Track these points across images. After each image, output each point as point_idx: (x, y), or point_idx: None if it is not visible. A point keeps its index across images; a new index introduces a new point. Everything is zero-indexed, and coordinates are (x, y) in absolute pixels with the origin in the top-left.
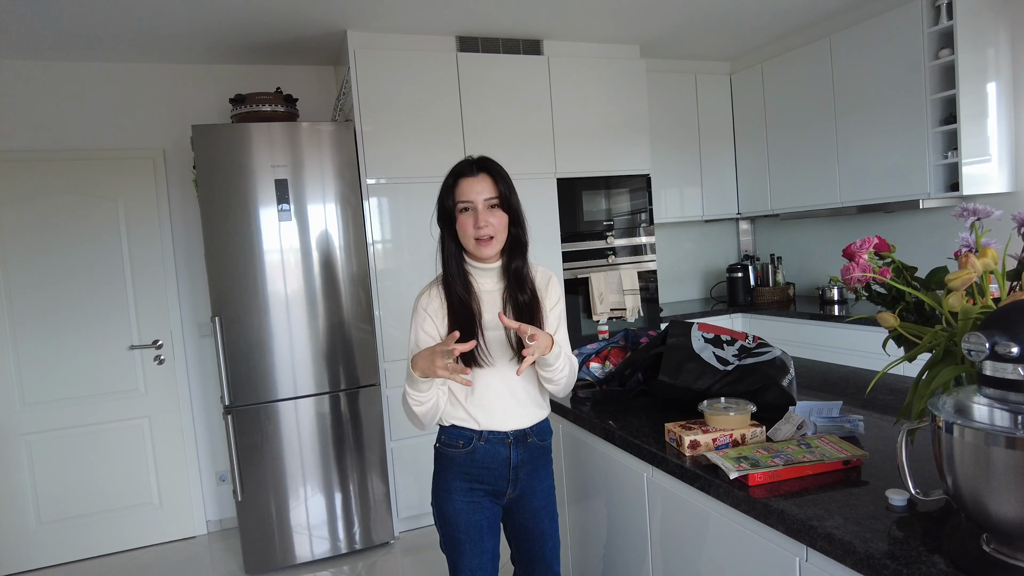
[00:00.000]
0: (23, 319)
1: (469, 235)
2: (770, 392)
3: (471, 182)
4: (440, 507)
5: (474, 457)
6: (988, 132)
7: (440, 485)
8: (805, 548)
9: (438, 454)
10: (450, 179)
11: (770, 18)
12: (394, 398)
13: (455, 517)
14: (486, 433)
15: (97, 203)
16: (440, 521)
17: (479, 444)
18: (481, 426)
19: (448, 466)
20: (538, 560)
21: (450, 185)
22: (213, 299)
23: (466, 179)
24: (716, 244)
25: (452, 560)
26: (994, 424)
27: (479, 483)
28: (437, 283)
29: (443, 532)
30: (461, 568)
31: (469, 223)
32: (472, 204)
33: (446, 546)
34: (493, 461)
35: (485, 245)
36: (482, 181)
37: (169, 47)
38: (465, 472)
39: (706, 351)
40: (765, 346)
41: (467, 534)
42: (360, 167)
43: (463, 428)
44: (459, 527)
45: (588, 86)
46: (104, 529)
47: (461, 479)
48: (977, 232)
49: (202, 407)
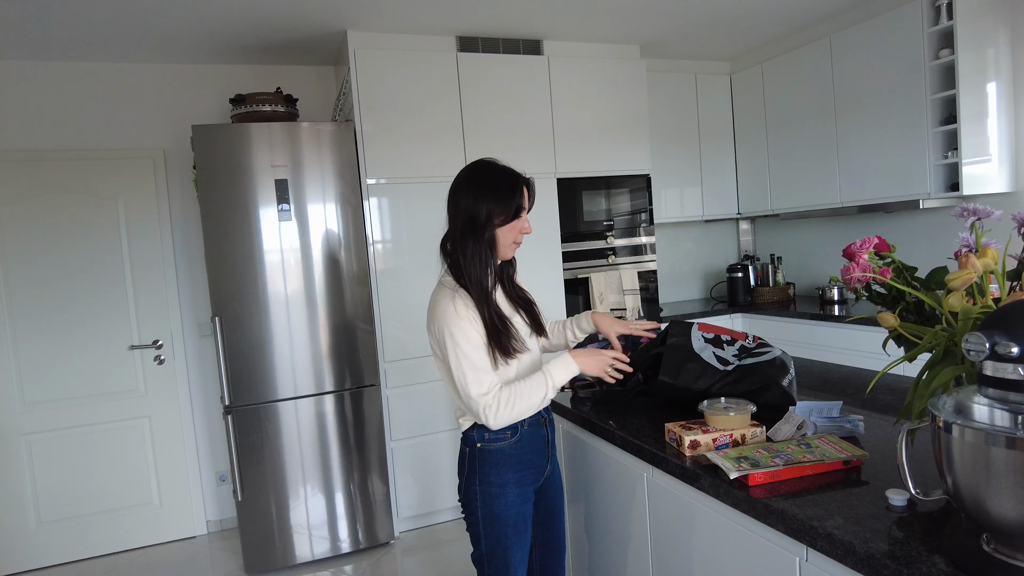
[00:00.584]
0: (23, 319)
1: (511, 239)
2: (770, 392)
3: (524, 191)
4: (490, 507)
5: (521, 444)
6: (988, 132)
7: (491, 482)
8: (805, 548)
9: (481, 453)
10: (515, 185)
11: (770, 18)
12: (394, 398)
13: (506, 512)
14: (529, 417)
15: (97, 203)
16: (487, 521)
17: (524, 430)
18: None
19: (497, 461)
20: (554, 539)
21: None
22: (213, 299)
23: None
24: (716, 244)
25: (500, 557)
26: (994, 424)
27: (527, 469)
28: (455, 290)
29: (490, 533)
30: (511, 563)
31: (517, 227)
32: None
33: (491, 547)
34: (537, 442)
35: (515, 249)
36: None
37: (169, 47)
38: (516, 462)
39: (706, 351)
40: (765, 346)
41: (515, 528)
42: (360, 167)
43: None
44: (509, 522)
45: (588, 86)
46: (104, 529)
47: (512, 471)
48: (977, 232)
49: (202, 407)
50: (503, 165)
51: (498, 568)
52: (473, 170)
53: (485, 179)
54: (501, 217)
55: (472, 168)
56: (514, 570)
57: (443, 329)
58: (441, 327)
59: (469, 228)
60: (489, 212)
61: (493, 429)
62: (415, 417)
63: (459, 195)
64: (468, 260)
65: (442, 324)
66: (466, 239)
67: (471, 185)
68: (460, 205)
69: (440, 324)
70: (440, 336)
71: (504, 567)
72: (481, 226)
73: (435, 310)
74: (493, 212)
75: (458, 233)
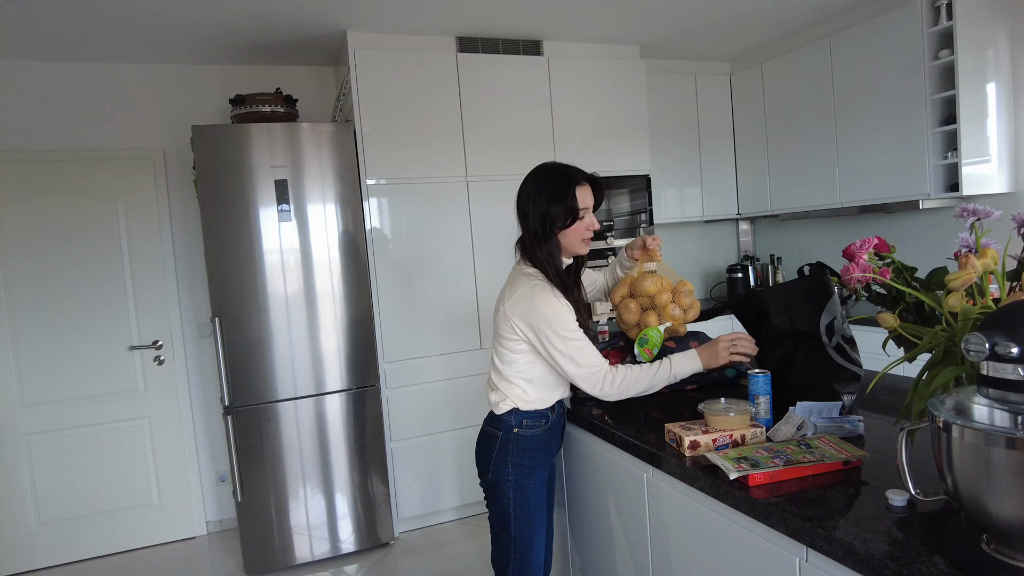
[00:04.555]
0: (23, 319)
1: (580, 236)
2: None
3: (585, 190)
4: (523, 488)
5: (550, 431)
6: (988, 132)
7: (524, 465)
8: (805, 548)
9: (517, 438)
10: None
11: (770, 19)
12: (394, 398)
13: (536, 493)
14: (556, 406)
15: (97, 203)
16: (518, 504)
17: (553, 418)
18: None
19: (531, 447)
20: (551, 522)
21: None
22: (213, 299)
23: (581, 188)
24: (716, 244)
25: (525, 540)
26: (994, 424)
27: (550, 455)
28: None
29: (520, 514)
30: (534, 545)
31: (582, 227)
32: (587, 210)
33: (519, 529)
34: (559, 429)
35: (588, 244)
36: (588, 188)
37: (169, 47)
38: (545, 446)
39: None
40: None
41: (540, 509)
42: (360, 168)
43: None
44: (537, 503)
45: (588, 86)
46: (104, 530)
47: (542, 455)
48: (977, 232)
49: (202, 407)
50: (560, 167)
51: (524, 550)
52: (532, 176)
53: (541, 186)
54: (560, 223)
55: (532, 174)
56: (539, 551)
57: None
58: (538, 311)
59: (535, 236)
60: (549, 219)
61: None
62: (415, 417)
63: (523, 203)
64: (540, 263)
65: (540, 307)
66: (535, 245)
67: (530, 193)
68: (524, 212)
69: (537, 309)
70: (533, 321)
71: (530, 548)
72: (545, 233)
73: (531, 295)
74: (552, 219)
75: (528, 240)
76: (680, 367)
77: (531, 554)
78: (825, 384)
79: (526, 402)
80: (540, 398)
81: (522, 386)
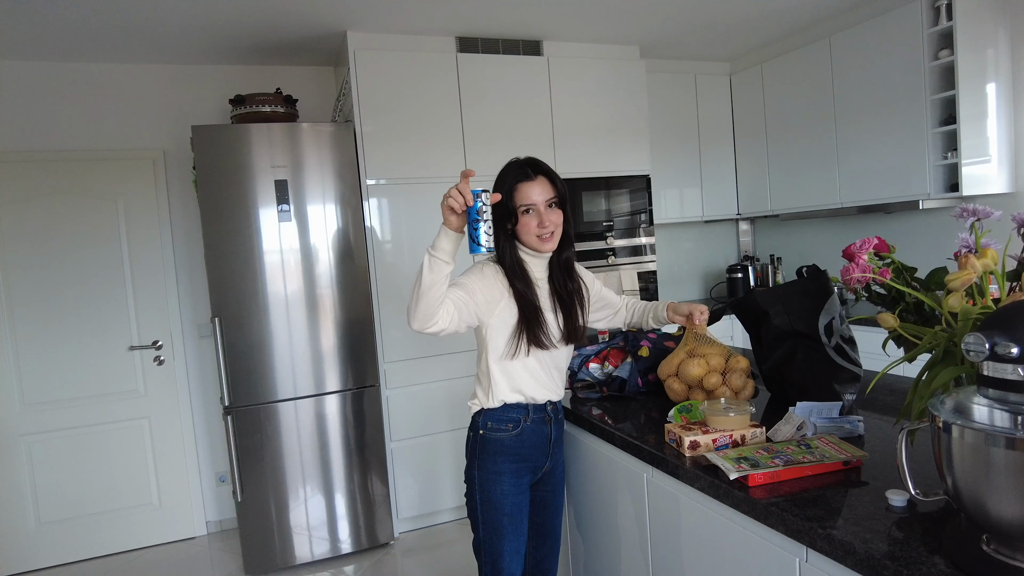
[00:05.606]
0: (23, 320)
1: (532, 233)
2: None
3: (530, 186)
4: (487, 492)
5: (522, 438)
6: (988, 133)
7: (488, 469)
8: (805, 549)
9: (483, 440)
10: (509, 184)
11: (770, 19)
12: (394, 399)
13: (502, 500)
14: (532, 412)
15: (97, 204)
16: (484, 507)
17: (526, 425)
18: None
19: (497, 450)
20: (549, 534)
21: (509, 191)
22: (213, 300)
23: (525, 184)
24: (716, 245)
25: (493, 546)
26: (994, 424)
27: (524, 463)
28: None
29: (486, 518)
30: (503, 551)
31: (532, 223)
32: (535, 206)
33: (487, 532)
34: (538, 439)
35: (548, 241)
36: (541, 183)
37: (169, 47)
38: (515, 453)
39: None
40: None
41: (511, 516)
42: (360, 168)
43: (514, 406)
44: (505, 510)
45: (588, 87)
46: (104, 530)
47: (510, 461)
48: (977, 232)
49: (202, 408)
50: (508, 166)
51: (491, 555)
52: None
53: (496, 184)
54: (508, 221)
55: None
56: (507, 559)
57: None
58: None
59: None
60: (501, 217)
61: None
62: (415, 418)
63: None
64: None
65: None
66: (499, 237)
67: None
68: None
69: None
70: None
71: (497, 554)
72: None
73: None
74: (503, 216)
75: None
76: (434, 244)
77: (501, 560)
78: (825, 384)
79: (487, 401)
80: (499, 396)
81: (483, 382)
